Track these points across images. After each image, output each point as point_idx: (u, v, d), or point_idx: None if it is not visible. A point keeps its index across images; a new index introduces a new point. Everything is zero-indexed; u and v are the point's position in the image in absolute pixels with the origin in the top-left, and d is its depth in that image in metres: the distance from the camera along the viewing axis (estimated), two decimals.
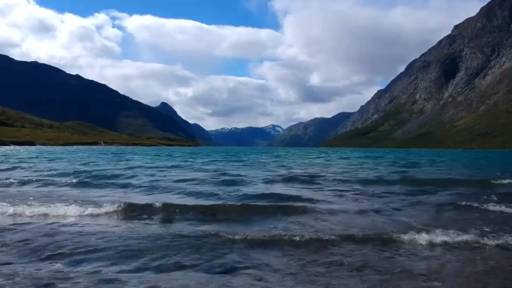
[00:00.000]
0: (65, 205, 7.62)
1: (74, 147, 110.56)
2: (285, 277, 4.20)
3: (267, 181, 13.77)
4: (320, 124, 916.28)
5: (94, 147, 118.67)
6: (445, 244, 5.34)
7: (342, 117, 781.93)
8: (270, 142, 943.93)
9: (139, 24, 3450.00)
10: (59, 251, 4.85)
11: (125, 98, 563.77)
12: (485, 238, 5.50)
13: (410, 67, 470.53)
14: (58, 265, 4.37)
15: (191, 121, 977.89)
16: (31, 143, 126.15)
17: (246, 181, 13.29)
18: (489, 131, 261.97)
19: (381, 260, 4.70)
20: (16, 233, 5.66)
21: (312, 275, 4.25)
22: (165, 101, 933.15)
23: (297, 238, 5.46)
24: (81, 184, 12.18)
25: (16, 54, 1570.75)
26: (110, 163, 25.69)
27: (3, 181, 12.48)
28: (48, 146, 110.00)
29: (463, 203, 8.57)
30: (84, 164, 23.84)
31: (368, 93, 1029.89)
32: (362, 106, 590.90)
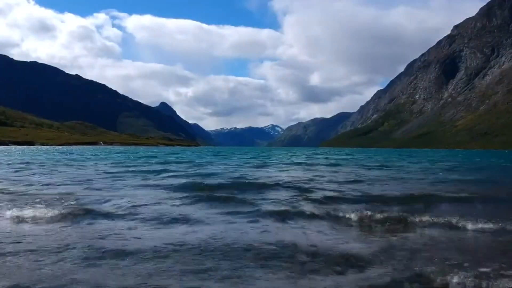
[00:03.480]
0: None
1: (74, 147, 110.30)
2: None
3: None
4: (320, 124, 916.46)
5: (94, 147, 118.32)
6: None
7: (342, 117, 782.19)
8: (270, 142, 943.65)
9: (139, 24, 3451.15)
10: None
11: (125, 98, 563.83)
12: None
13: (409, 67, 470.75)
14: None
15: (190, 121, 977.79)
16: (31, 143, 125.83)
17: None
18: (489, 131, 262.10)
19: None
20: None
21: None
22: (164, 101, 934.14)
23: None
24: None
25: (16, 54, 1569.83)
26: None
27: None
28: (47, 146, 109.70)
29: None
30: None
31: (369, 93, 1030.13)
32: (361, 106, 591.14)
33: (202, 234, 5.44)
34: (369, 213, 6.55)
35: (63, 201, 8.06)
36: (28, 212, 6.64)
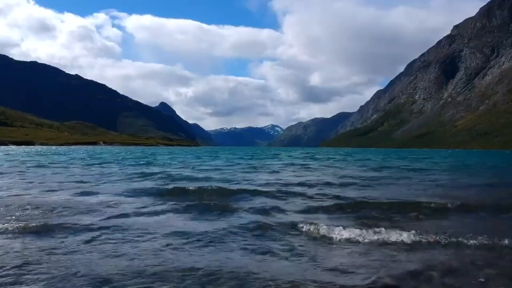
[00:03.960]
0: None
1: (73, 146, 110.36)
2: None
3: None
4: (320, 124, 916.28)
5: (94, 147, 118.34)
6: None
7: (341, 117, 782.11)
8: (270, 142, 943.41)
9: (138, 24, 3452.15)
10: None
11: (125, 98, 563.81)
12: None
13: (409, 67, 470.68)
14: None
15: (190, 121, 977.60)
16: (30, 143, 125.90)
17: None
18: (489, 131, 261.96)
19: None
20: None
21: None
22: (164, 101, 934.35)
23: None
24: None
25: (16, 54, 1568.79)
26: None
27: None
28: (47, 146, 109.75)
29: None
30: None
31: (369, 93, 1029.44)
32: (361, 106, 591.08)
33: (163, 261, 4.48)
34: (345, 232, 5.80)
35: (25, 209, 7.20)
36: None
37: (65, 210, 7.51)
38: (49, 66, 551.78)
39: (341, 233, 5.81)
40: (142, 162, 27.70)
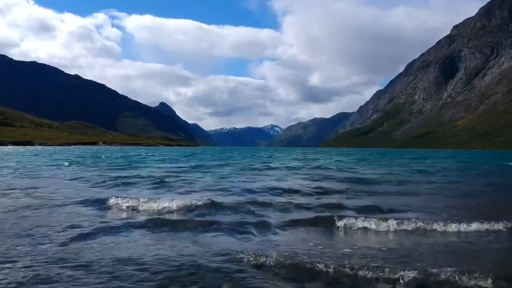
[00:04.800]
0: None
1: (73, 147, 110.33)
2: None
3: None
4: (320, 124, 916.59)
5: (94, 147, 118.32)
6: None
7: (341, 117, 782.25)
8: (270, 142, 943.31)
9: (138, 24, 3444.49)
10: None
11: (125, 98, 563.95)
12: None
13: (409, 67, 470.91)
14: None
15: (190, 121, 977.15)
16: (30, 143, 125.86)
17: None
18: (489, 131, 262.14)
19: None
20: None
21: None
22: (164, 101, 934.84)
23: None
24: None
25: (16, 54, 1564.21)
26: None
27: None
28: (47, 146, 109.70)
29: None
30: None
31: (368, 93, 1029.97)
32: (361, 106, 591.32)
33: None
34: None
35: None
36: None
37: None
38: (49, 66, 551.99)
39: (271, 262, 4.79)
40: (127, 163, 26.92)
